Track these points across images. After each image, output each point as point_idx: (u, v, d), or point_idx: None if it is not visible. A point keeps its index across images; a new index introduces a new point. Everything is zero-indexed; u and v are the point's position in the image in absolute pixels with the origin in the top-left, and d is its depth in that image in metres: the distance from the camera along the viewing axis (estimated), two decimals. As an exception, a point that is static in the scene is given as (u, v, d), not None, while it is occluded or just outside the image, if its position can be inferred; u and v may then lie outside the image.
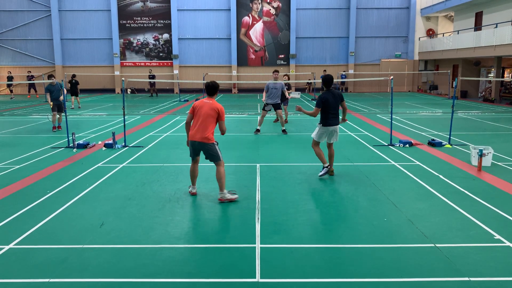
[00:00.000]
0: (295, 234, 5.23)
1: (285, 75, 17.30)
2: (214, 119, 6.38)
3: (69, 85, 21.60)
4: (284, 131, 12.91)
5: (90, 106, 22.42)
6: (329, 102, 7.52)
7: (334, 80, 26.92)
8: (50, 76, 13.83)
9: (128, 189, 7.10)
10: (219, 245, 4.92)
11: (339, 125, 7.80)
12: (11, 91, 29.66)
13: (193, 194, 6.81)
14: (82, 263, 4.46)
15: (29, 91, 30.41)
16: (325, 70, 27.89)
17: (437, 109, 20.14)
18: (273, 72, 13.60)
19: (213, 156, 6.47)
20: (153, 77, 29.55)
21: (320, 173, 7.77)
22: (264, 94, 13.13)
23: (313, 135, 7.87)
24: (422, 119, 16.38)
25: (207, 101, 6.48)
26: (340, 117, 7.98)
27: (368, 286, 4.02)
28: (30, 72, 30.74)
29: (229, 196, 6.48)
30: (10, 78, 29.29)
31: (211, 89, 6.52)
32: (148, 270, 4.31)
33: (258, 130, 13.01)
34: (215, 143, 6.46)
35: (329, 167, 7.79)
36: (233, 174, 8.06)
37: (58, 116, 13.67)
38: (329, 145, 7.93)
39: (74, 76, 22.32)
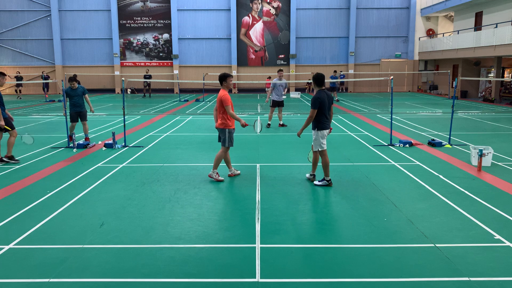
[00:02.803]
0: (295, 234, 5.23)
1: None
2: (222, 107, 7.33)
3: None
4: (282, 124, 14.28)
5: (90, 106, 22.38)
6: (325, 103, 7.06)
7: (335, 80, 27.06)
8: (71, 79, 11.29)
9: (128, 189, 7.10)
10: (219, 245, 4.92)
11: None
12: (16, 91, 29.62)
13: (231, 176, 7.83)
14: (82, 263, 4.46)
15: (45, 91, 30.12)
16: (335, 71, 27.53)
17: (437, 109, 20.14)
18: (278, 71, 14.35)
19: (223, 141, 7.54)
20: (149, 77, 29.31)
21: (318, 183, 7.28)
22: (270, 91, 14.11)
23: (316, 146, 7.17)
24: (422, 119, 16.38)
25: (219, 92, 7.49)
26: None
27: (368, 286, 4.02)
28: (44, 72, 30.69)
29: (216, 176, 7.56)
30: (19, 78, 29.21)
31: (219, 79, 7.51)
32: (148, 270, 4.31)
33: (269, 125, 14.17)
34: (226, 129, 7.42)
35: (329, 179, 7.26)
36: (233, 174, 8.07)
37: (77, 125, 11.80)
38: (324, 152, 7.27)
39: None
